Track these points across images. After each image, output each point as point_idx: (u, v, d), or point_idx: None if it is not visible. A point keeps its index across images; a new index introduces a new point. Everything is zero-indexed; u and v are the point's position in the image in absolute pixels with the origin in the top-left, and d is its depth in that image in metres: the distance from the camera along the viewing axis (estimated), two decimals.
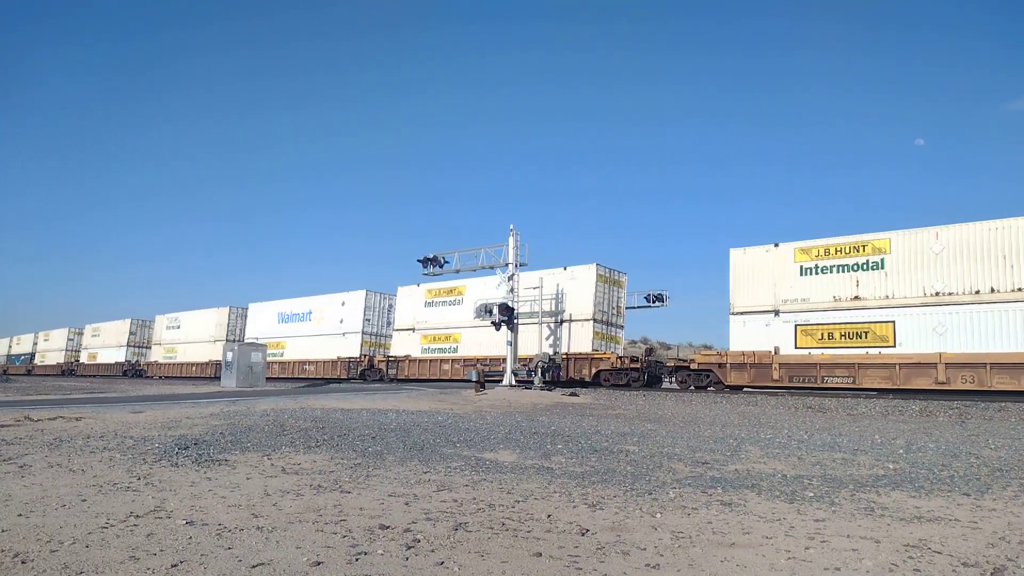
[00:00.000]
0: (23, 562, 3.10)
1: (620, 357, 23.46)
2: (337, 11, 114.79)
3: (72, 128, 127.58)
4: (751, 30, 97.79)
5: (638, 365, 22.62)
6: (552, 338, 24.43)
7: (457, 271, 25.14)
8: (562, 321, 24.51)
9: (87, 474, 5.36)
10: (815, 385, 18.27)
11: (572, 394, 19.28)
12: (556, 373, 23.39)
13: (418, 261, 24.76)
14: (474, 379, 21.98)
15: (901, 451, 7.57)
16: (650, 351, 24.60)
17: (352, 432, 8.43)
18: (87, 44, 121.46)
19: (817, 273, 18.96)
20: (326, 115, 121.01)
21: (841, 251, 18.63)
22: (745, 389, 19.90)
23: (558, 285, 24.72)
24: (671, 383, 22.43)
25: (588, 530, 3.88)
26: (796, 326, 18.97)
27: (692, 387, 20.81)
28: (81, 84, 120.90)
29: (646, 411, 13.78)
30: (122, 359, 47.76)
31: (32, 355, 61.26)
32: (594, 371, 23.31)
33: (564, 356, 23.88)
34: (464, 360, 26.87)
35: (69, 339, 56.38)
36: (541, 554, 3.40)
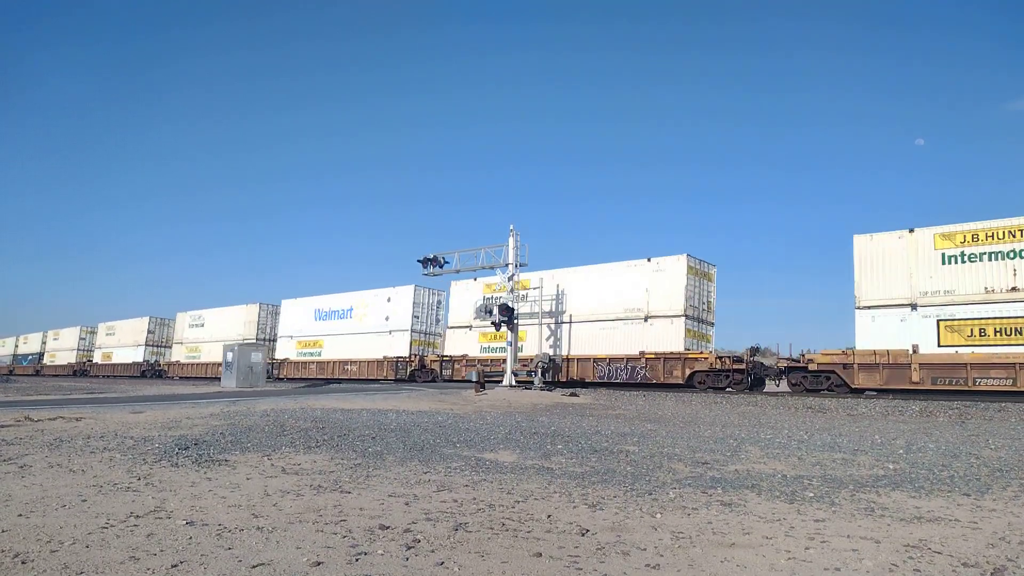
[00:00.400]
0: (23, 562, 3.10)
1: (720, 357, 20.90)
2: (337, 11, 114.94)
3: (74, 128, 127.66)
4: (751, 30, 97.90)
5: (742, 366, 20.08)
6: (552, 338, 24.42)
7: (457, 271, 25.14)
8: (647, 317, 22.43)
9: (87, 474, 5.36)
10: (963, 388, 16.24)
11: (572, 394, 19.28)
12: (555, 373, 23.37)
13: (418, 261, 24.77)
14: (474, 379, 21.98)
15: (901, 451, 7.57)
16: (755, 351, 21.45)
17: (352, 432, 8.43)
18: (88, 44, 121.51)
19: (964, 261, 16.96)
20: (326, 115, 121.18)
21: (994, 236, 16.54)
22: (867, 393, 17.77)
23: (638, 279, 22.89)
24: (777, 386, 20.22)
25: (588, 530, 3.88)
26: (939, 321, 17.01)
27: (805, 390, 18.56)
28: (82, 84, 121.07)
29: (646, 411, 13.78)
30: (140, 359, 45.66)
31: (41, 355, 59.57)
32: (688, 372, 20.96)
33: (652, 355, 21.86)
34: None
35: (81, 338, 54.72)
36: (541, 554, 3.40)
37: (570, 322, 24.51)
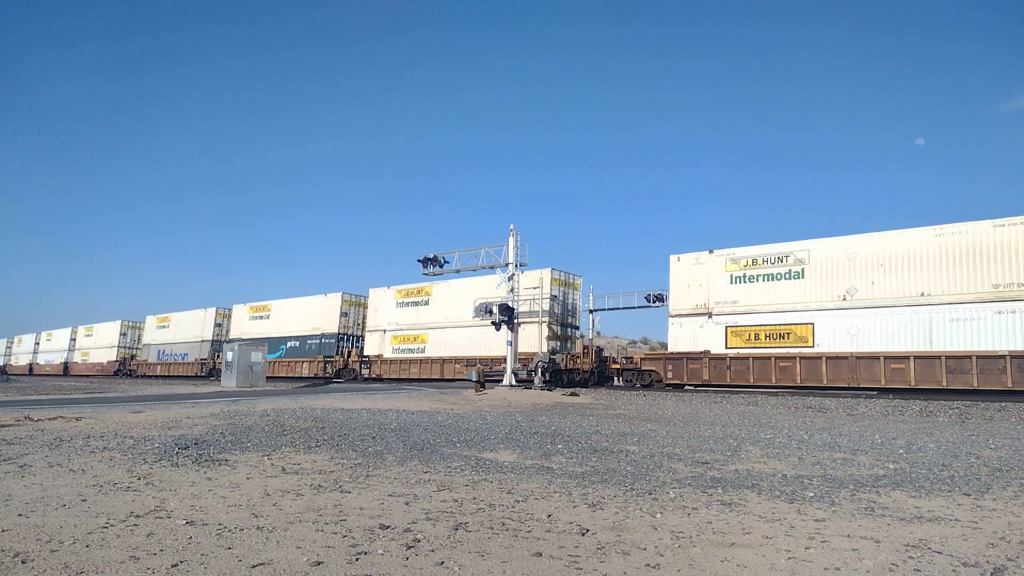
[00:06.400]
0: (23, 562, 3.10)
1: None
2: (337, 12, 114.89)
3: (73, 128, 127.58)
4: (751, 30, 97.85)
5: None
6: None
7: (457, 271, 25.17)
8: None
9: (87, 474, 5.36)
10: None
11: (572, 394, 19.30)
12: (555, 373, 23.40)
13: (418, 261, 24.82)
14: (474, 379, 21.97)
15: (901, 451, 7.57)
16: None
17: (352, 432, 8.43)
18: (89, 44, 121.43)
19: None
20: (326, 116, 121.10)
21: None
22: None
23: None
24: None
25: (588, 530, 3.88)
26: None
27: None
28: (83, 85, 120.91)
29: (646, 411, 13.78)
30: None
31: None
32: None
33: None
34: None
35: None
36: (541, 554, 3.40)
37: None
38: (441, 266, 24.80)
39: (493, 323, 22.86)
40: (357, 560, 3.23)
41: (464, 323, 26.98)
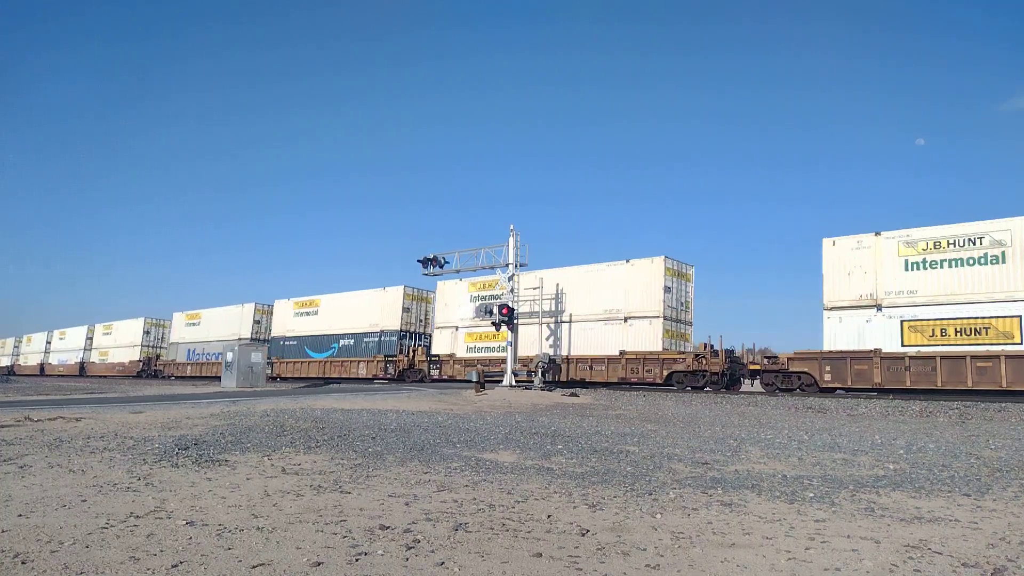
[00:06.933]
0: (23, 562, 3.10)
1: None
2: (337, 13, 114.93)
3: (73, 128, 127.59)
4: (751, 30, 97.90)
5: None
6: (552, 338, 24.40)
7: (457, 271, 25.18)
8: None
9: (87, 474, 5.36)
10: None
11: (572, 394, 19.29)
12: (556, 373, 23.37)
13: (418, 261, 24.83)
14: (474, 379, 21.98)
15: (901, 451, 7.57)
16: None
17: (352, 432, 8.43)
18: (90, 45, 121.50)
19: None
20: (326, 116, 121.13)
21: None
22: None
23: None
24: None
25: (588, 530, 3.88)
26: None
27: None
28: (82, 85, 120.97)
29: (646, 411, 13.78)
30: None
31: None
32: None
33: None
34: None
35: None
36: (541, 554, 3.40)
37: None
38: (441, 266, 24.81)
39: (493, 323, 22.87)
40: (357, 560, 3.23)
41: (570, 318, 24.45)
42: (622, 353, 22.38)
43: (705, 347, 21.32)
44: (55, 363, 54.49)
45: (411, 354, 29.32)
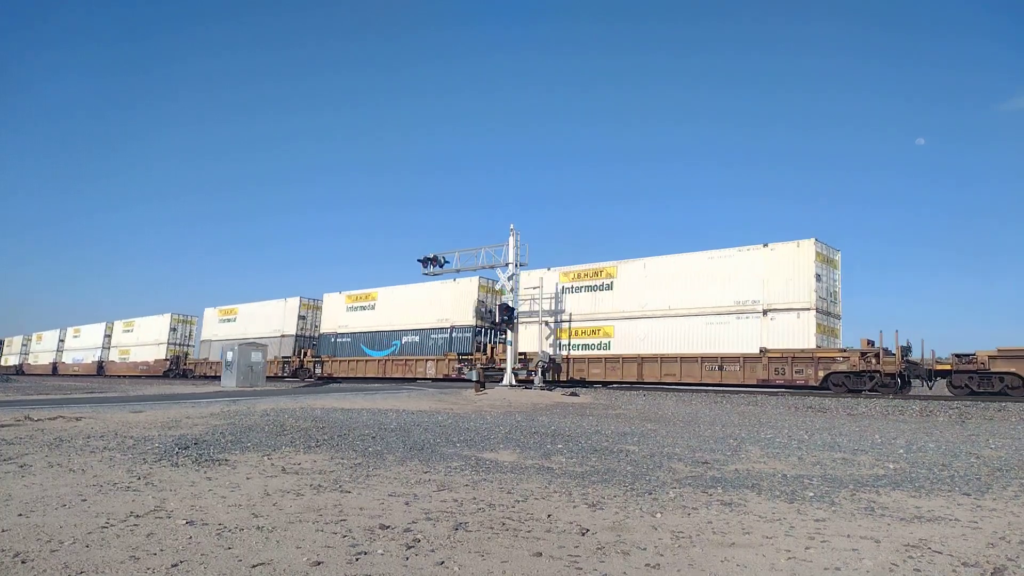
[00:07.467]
0: (23, 562, 3.10)
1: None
2: (337, 13, 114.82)
3: (73, 129, 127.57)
4: (750, 30, 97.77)
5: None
6: (552, 338, 24.35)
7: (458, 271, 25.20)
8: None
9: (87, 474, 5.36)
10: None
11: (572, 394, 19.30)
12: (556, 373, 23.38)
13: (418, 261, 24.87)
14: (474, 379, 22.00)
15: (901, 451, 7.57)
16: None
17: (352, 432, 8.44)
18: (90, 45, 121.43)
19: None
20: (327, 116, 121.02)
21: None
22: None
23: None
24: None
25: (588, 530, 3.88)
26: None
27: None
28: (83, 85, 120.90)
29: (646, 411, 13.78)
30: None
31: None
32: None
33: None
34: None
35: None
36: (541, 554, 3.40)
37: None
38: (441, 266, 24.87)
39: (493, 323, 22.89)
40: (357, 560, 3.23)
41: (680, 311, 21.51)
42: (763, 351, 19.37)
43: (871, 344, 18.28)
44: (69, 362, 51.99)
45: (490, 351, 26.33)
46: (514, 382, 22.09)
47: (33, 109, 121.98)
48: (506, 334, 23.04)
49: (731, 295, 20.53)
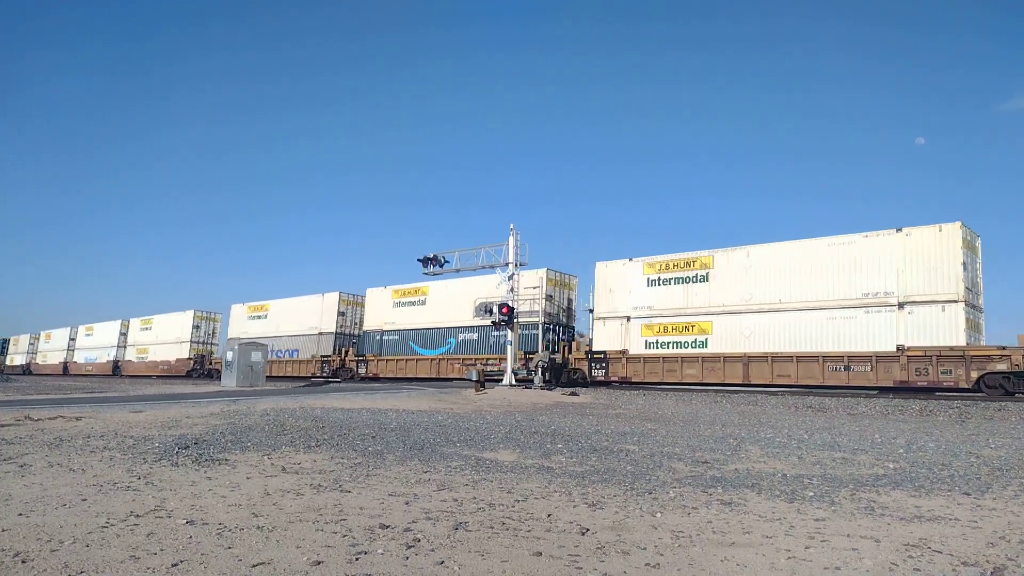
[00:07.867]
0: (23, 562, 3.10)
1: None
2: (337, 13, 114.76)
3: (72, 129, 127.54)
4: (751, 30, 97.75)
5: None
6: (553, 337, 24.36)
7: (457, 271, 25.20)
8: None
9: (87, 473, 5.36)
10: None
11: (572, 394, 19.31)
12: (557, 373, 23.36)
13: (418, 260, 24.87)
14: (474, 379, 22.01)
15: (901, 450, 7.57)
16: None
17: (352, 432, 8.44)
18: (90, 44, 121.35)
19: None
20: (327, 116, 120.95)
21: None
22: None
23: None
24: None
25: (588, 529, 3.88)
26: None
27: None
28: (83, 85, 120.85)
29: (646, 410, 13.79)
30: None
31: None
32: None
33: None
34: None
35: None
36: (541, 553, 3.40)
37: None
38: (441, 265, 24.86)
39: (493, 323, 22.90)
40: (357, 560, 3.23)
41: (794, 304, 19.45)
42: (901, 349, 17.45)
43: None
44: (81, 361, 50.19)
45: (562, 350, 24.96)
46: (514, 382, 22.10)
47: (33, 109, 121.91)
48: (507, 334, 23.04)
49: (858, 286, 18.44)
